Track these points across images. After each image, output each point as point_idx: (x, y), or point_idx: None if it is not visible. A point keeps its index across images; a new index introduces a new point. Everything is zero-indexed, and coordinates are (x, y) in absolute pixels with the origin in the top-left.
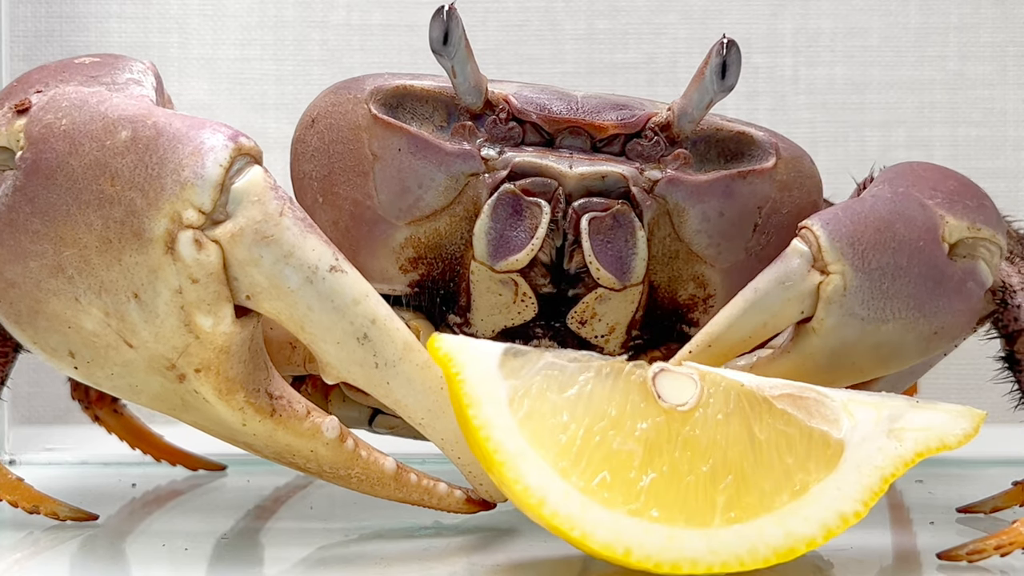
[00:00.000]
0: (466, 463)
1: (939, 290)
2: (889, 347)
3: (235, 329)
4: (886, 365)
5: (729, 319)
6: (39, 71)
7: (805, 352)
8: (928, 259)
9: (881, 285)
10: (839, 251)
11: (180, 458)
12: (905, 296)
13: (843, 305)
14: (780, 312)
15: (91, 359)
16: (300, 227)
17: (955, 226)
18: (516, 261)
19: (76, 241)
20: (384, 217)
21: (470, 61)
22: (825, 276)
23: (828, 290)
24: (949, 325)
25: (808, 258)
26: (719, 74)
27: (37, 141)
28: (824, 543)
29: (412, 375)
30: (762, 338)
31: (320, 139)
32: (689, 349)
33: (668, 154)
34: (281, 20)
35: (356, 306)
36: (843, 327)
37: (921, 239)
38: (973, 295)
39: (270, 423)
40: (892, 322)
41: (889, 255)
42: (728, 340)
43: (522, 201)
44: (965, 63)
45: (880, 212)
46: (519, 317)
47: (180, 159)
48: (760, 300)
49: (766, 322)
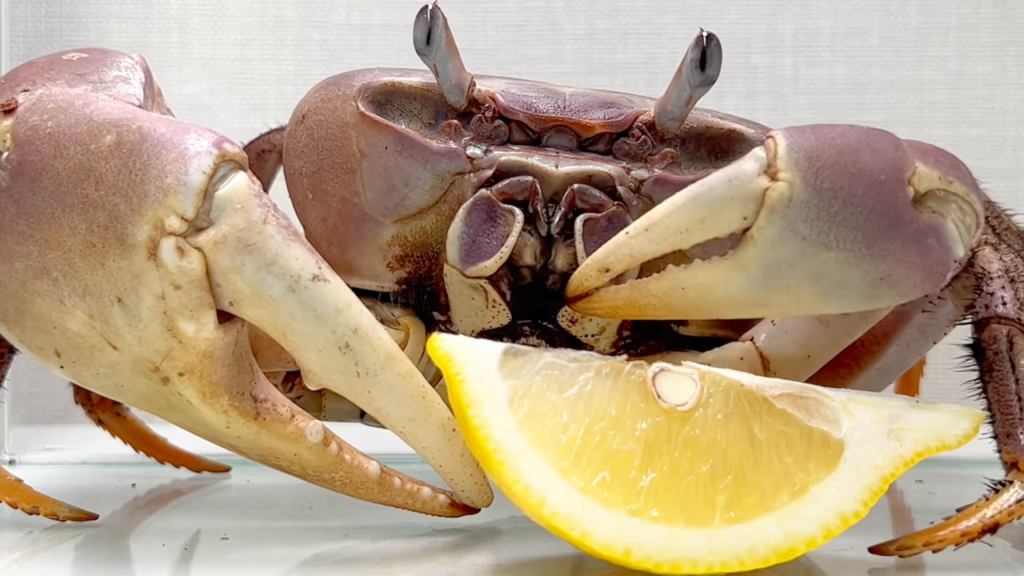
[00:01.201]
0: (448, 470)
1: (892, 232)
2: (830, 280)
3: (218, 335)
4: (825, 301)
5: (670, 207)
6: (27, 68)
7: (740, 260)
8: (887, 196)
9: (830, 208)
10: (793, 160)
11: (184, 460)
12: (853, 227)
13: (785, 216)
14: (721, 210)
15: (76, 359)
16: (283, 235)
17: (925, 173)
18: (484, 268)
19: (61, 244)
20: (371, 215)
21: (452, 60)
22: (773, 183)
23: (773, 197)
24: (899, 275)
25: (763, 162)
26: (698, 67)
27: (23, 143)
28: (824, 543)
29: (393, 384)
30: (699, 235)
31: (310, 135)
32: (627, 231)
33: (656, 153)
34: (281, 20)
35: (338, 315)
36: (782, 241)
37: (884, 173)
38: (932, 252)
39: (254, 426)
40: (835, 251)
41: (845, 179)
42: (665, 226)
43: (496, 208)
44: (965, 63)
45: (849, 137)
46: (494, 321)
47: (163, 165)
48: (704, 194)
49: (704, 218)
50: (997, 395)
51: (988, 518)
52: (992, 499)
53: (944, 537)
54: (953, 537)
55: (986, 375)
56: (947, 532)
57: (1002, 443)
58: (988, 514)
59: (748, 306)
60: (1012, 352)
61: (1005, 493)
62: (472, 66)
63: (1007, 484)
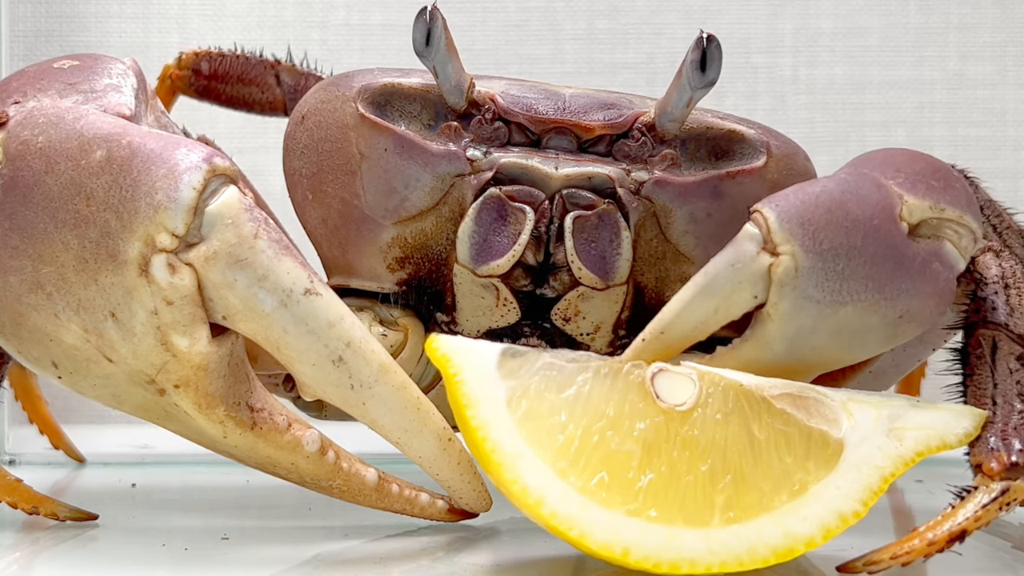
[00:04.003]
0: (445, 479)
1: (900, 271)
2: (851, 332)
3: (212, 348)
4: (851, 351)
5: (680, 305)
6: (17, 78)
7: (762, 339)
8: (884, 239)
9: (836, 266)
10: (788, 231)
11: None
12: (862, 277)
13: (796, 287)
14: (731, 296)
15: (73, 370)
16: (275, 249)
17: (915, 206)
18: (497, 267)
19: (54, 259)
20: (371, 216)
21: (452, 61)
22: (775, 258)
23: (779, 272)
24: (915, 308)
25: (759, 240)
26: (698, 68)
27: (15, 158)
28: (823, 543)
29: (387, 396)
30: (715, 324)
31: (310, 136)
32: (642, 337)
33: (656, 154)
34: (281, 20)
35: (331, 329)
36: (799, 311)
37: (876, 218)
38: (940, 277)
39: (251, 436)
40: (851, 304)
41: (842, 235)
42: (680, 327)
43: (507, 206)
44: (965, 63)
45: (832, 192)
46: (503, 320)
47: (153, 181)
48: (710, 284)
49: (717, 307)
50: (975, 399)
51: (956, 526)
52: (959, 506)
53: (912, 549)
54: (920, 548)
55: (967, 379)
56: (914, 543)
57: (971, 445)
58: (957, 521)
59: (779, 376)
60: (995, 356)
61: (971, 500)
62: (472, 66)
63: (973, 490)
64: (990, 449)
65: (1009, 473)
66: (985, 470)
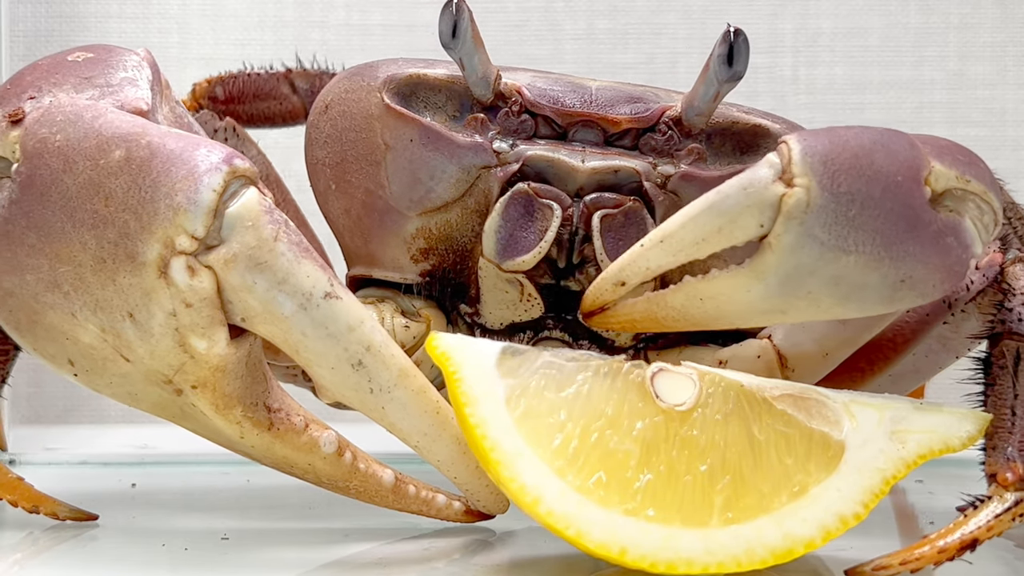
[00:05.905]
0: (463, 482)
1: (911, 234)
2: (849, 284)
3: (230, 350)
4: (844, 305)
5: (684, 218)
6: (31, 71)
7: (758, 269)
8: (904, 198)
9: (848, 211)
10: (808, 166)
11: None
12: (871, 230)
13: (803, 223)
14: (737, 219)
15: (89, 369)
16: (295, 252)
17: (941, 172)
18: (523, 262)
19: (71, 259)
20: (396, 207)
21: (478, 53)
22: (789, 189)
23: (790, 203)
24: (919, 276)
25: (777, 169)
26: (725, 62)
27: (32, 156)
28: (823, 545)
29: (407, 401)
30: (716, 245)
31: (333, 126)
32: (641, 243)
33: (682, 148)
34: (281, 20)
35: (351, 333)
36: (800, 248)
37: (900, 174)
38: (951, 252)
39: (268, 436)
40: (854, 255)
41: (862, 182)
42: (680, 237)
43: (535, 202)
44: (965, 63)
45: (863, 139)
46: (527, 314)
47: (173, 183)
48: (719, 202)
49: (721, 227)
50: (994, 408)
51: (968, 534)
52: (971, 515)
53: (922, 555)
54: (931, 555)
55: (988, 388)
56: (925, 550)
57: (988, 454)
58: (968, 530)
59: (767, 314)
60: (1017, 367)
61: (984, 508)
62: None
63: (986, 499)
64: (1006, 459)
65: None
66: (1000, 480)
